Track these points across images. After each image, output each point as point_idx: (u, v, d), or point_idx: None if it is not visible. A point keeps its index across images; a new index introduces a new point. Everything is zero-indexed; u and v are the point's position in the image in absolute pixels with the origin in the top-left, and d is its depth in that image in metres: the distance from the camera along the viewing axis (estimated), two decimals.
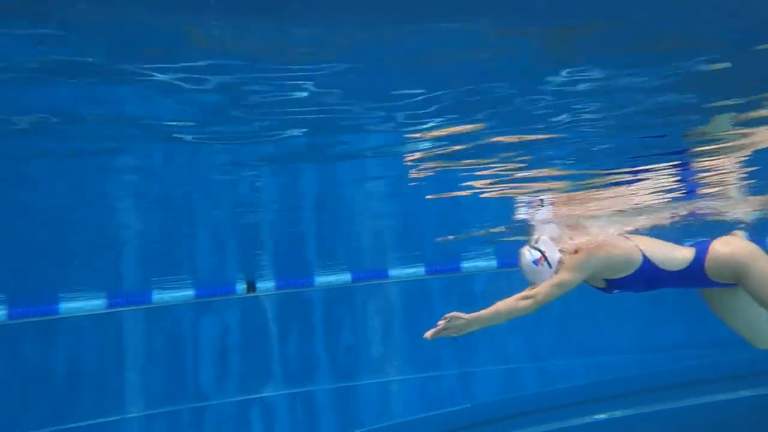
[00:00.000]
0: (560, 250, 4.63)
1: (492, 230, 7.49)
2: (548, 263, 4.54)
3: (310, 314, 11.48)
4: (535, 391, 11.43)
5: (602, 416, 10.88)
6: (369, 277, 11.18)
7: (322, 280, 10.99)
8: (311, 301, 11.49)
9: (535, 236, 4.66)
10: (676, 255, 4.57)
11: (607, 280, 4.66)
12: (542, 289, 4.44)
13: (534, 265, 4.56)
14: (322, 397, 11.49)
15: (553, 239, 4.68)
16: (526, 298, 4.40)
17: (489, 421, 10.88)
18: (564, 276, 4.46)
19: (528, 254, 4.60)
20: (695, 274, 4.55)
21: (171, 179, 4.73)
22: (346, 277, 11.01)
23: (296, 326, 11.42)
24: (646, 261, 4.52)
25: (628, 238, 4.65)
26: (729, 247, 4.53)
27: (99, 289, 9.99)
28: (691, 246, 4.65)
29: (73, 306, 10.08)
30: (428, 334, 4.26)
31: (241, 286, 10.77)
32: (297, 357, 11.42)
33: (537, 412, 10.83)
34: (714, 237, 4.71)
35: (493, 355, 11.62)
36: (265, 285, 10.90)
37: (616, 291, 4.76)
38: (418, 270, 11.07)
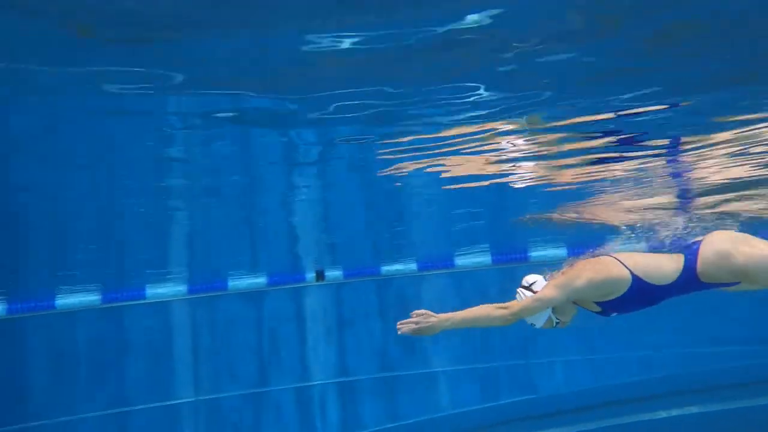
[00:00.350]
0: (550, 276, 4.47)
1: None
2: (532, 290, 4.42)
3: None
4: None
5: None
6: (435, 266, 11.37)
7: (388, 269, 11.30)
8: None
9: (529, 277, 4.48)
10: (665, 267, 4.35)
11: (600, 303, 4.45)
12: (520, 304, 4.32)
13: (524, 292, 4.43)
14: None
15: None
16: (503, 308, 4.27)
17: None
18: (545, 292, 4.30)
19: (521, 296, 4.42)
20: (690, 282, 4.35)
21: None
22: (412, 266, 11.27)
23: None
24: (636, 279, 4.31)
25: (614, 257, 4.43)
26: (716, 247, 4.31)
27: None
28: (680, 252, 4.44)
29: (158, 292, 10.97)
30: (401, 328, 4.15)
31: (311, 275, 11.26)
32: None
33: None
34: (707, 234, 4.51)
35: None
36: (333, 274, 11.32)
37: (614, 314, 4.54)
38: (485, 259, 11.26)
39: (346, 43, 2.81)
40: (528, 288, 4.38)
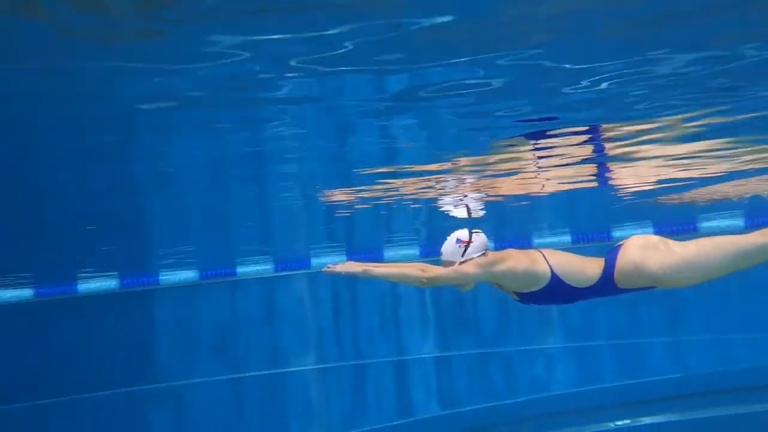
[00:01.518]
0: (483, 254, 4.57)
1: None
2: (463, 252, 4.51)
3: None
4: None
5: None
6: None
7: None
8: None
9: (479, 230, 4.59)
10: (587, 271, 4.43)
11: (518, 294, 4.60)
12: (440, 270, 4.47)
13: (456, 244, 4.53)
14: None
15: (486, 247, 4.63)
16: (423, 271, 4.43)
17: None
18: (465, 267, 4.45)
19: (462, 233, 4.57)
20: (607, 287, 4.42)
21: None
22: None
23: None
24: (555, 277, 4.43)
25: (542, 252, 4.53)
26: (633, 257, 4.32)
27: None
28: (603, 257, 4.47)
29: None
30: (326, 269, 4.43)
31: None
32: None
33: None
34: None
35: None
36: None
37: (532, 303, 4.74)
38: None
39: None
40: (464, 243, 4.50)
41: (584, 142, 4.98)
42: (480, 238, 4.54)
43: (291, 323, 11.97)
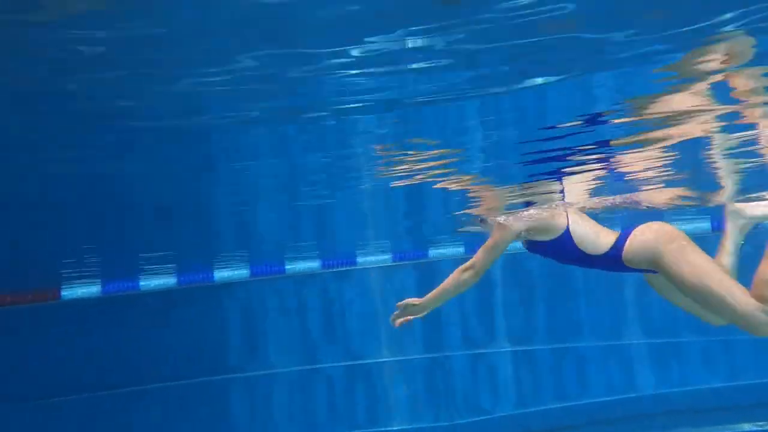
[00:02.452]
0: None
1: None
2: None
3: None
4: None
5: None
6: None
7: None
8: None
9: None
10: (600, 239, 4.58)
11: (528, 242, 4.78)
12: (478, 256, 4.62)
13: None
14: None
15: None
16: (467, 269, 4.58)
17: None
18: (493, 237, 4.64)
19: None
20: (612, 261, 4.55)
21: None
22: None
23: None
24: (568, 234, 4.58)
25: (567, 212, 4.71)
26: (644, 235, 4.47)
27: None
28: (617, 231, 4.62)
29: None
30: (396, 322, 4.60)
31: None
32: None
33: None
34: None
35: None
36: None
37: (538, 254, 4.89)
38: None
39: None
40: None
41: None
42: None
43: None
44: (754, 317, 4.10)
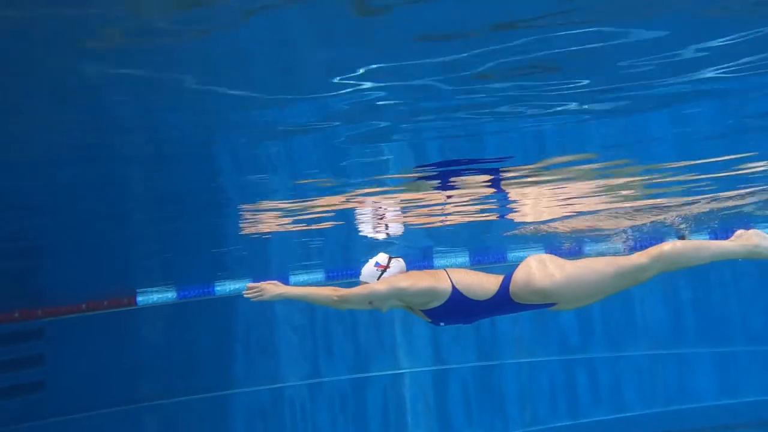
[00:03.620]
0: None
1: None
2: (380, 276, 4.75)
3: None
4: None
5: None
6: None
7: None
8: None
9: (399, 257, 4.87)
10: (485, 285, 4.66)
11: (425, 312, 4.78)
12: (350, 289, 4.67)
13: (374, 267, 4.79)
14: None
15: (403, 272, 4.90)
16: (336, 292, 4.65)
17: None
18: (375, 286, 4.67)
19: (382, 257, 4.84)
20: (504, 302, 4.62)
21: None
22: None
23: None
24: (455, 291, 4.64)
25: (446, 271, 4.77)
26: (525, 273, 4.55)
27: None
28: (502, 274, 4.69)
29: None
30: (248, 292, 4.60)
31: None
32: None
33: None
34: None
35: None
36: None
37: (441, 324, 4.93)
38: None
39: None
40: (382, 268, 4.76)
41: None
42: (398, 263, 4.82)
43: None
44: (645, 270, 4.30)
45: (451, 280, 4.69)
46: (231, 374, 11.86)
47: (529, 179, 5.66)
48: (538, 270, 4.52)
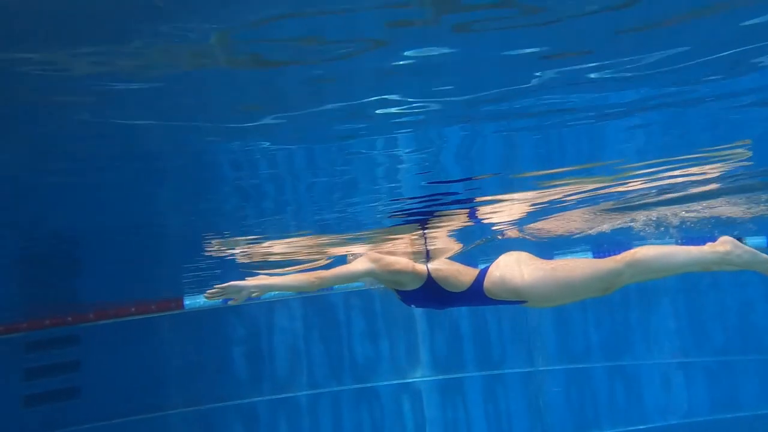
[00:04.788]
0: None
1: None
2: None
3: None
4: None
5: None
6: None
7: None
8: None
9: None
10: (461, 278, 4.70)
11: (398, 292, 4.88)
12: (333, 270, 4.74)
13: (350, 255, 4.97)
14: None
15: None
16: (317, 276, 4.64)
17: None
18: (352, 266, 4.76)
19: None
20: (477, 296, 4.65)
21: None
22: None
23: None
24: (431, 279, 4.71)
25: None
26: (500, 269, 4.59)
27: None
28: (478, 268, 4.74)
29: None
30: (210, 295, 4.38)
31: None
32: None
33: None
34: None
35: None
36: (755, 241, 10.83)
37: (412, 305, 5.04)
38: None
39: None
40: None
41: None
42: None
43: None
44: (619, 275, 4.24)
45: (427, 269, 4.78)
46: (261, 379, 11.79)
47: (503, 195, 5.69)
48: (512, 267, 4.51)
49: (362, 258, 4.80)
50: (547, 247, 10.10)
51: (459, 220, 6.26)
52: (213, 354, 11.78)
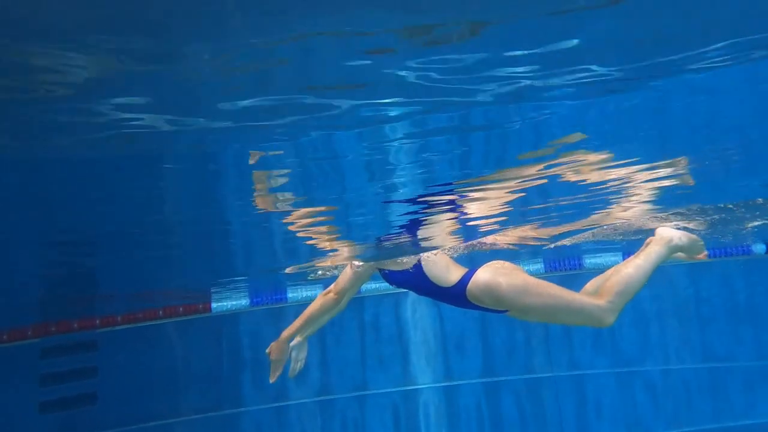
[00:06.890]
0: None
1: None
2: None
3: None
4: None
5: None
6: None
7: None
8: None
9: None
10: (448, 275, 4.67)
11: (382, 271, 4.93)
12: (339, 281, 4.79)
13: None
14: None
15: None
16: (328, 291, 4.73)
17: None
18: (346, 269, 4.85)
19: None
20: (458, 297, 4.63)
21: None
22: None
23: None
24: (418, 267, 4.73)
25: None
26: (486, 276, 4.56)
27: None
28: (467, 267, 4.70)
29: None
30: (272, 378, 4.65)
31: (759, 247, 10.87)
32: None
33: None
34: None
35: None
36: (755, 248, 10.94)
37: (393, 283, 5.04)
38: None
39: None
40: None
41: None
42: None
43: None
44: (603, 314, 4.26)
45: (419, 257, 4.86)
46: (286, 384, 11.44)
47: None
48: (499, 275, 4.52)
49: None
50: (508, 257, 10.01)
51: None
52: (234, 359, 11.52)
